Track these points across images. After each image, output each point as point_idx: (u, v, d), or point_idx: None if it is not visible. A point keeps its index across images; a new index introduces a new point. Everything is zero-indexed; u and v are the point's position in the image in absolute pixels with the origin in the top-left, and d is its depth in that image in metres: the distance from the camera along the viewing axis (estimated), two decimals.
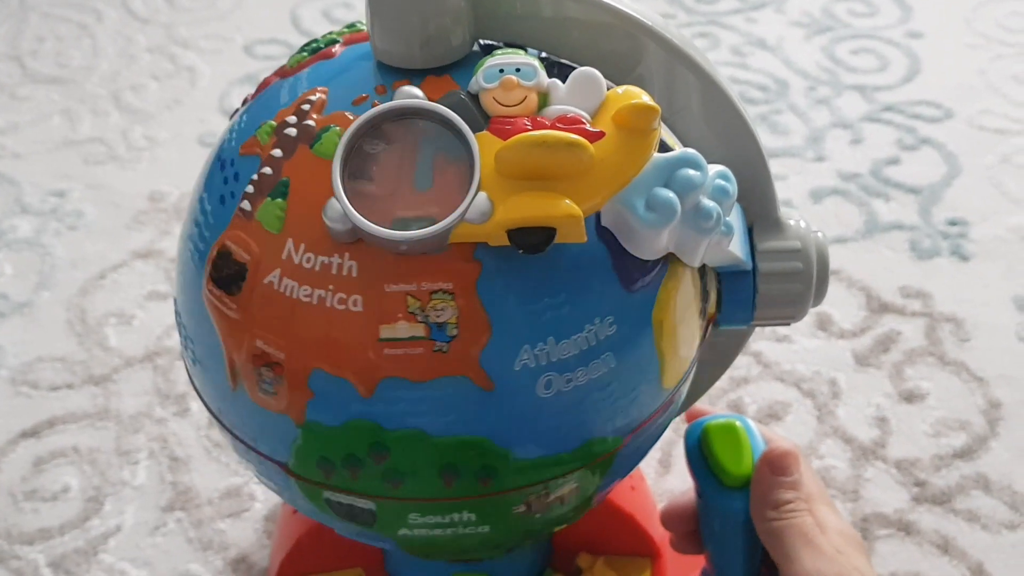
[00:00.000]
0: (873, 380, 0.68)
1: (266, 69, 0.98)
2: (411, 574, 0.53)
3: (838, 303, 0.73)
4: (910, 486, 0.62)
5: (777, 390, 0.67)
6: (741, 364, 0.69)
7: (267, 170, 0.34)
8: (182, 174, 0.86)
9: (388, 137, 0.32)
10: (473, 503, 0.36)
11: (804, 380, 0.68)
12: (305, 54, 0.39)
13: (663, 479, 0.63)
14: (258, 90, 0.40)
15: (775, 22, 1.03)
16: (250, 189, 0.34)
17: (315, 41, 0.40)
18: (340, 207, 0.31)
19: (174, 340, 0.71)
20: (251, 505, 0.61)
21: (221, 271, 0.34)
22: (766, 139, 0.87)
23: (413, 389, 0.33)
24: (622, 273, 0.34)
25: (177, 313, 0.40)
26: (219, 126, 0.91)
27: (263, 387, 0.34)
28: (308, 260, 0.33)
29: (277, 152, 0.34)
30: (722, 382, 0.67)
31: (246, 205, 0.34)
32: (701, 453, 0.46)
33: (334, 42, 0.39)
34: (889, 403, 0.66)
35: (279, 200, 0.33)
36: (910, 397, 0.67)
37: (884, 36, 1.00)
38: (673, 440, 0.65)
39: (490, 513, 0.36)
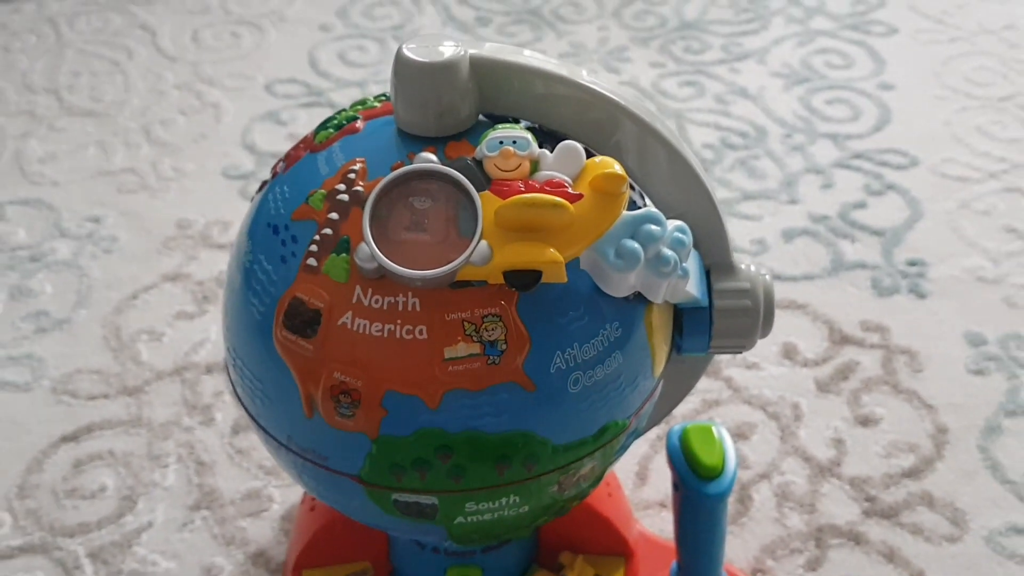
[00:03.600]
0: (832, 405, 0.74)
1: (285, 107, 1.05)
2: (411, 567, 0.60)
3: (803, 334, 0.80)
4: (861, 501, 0.68)
5: (745, 412, 0.74)
6: (713, 388, 0.76)
7: (327, 231, 0.41)
8: (208, 203, 0.93)
9: (434, 195, 0.40)
10: (519, 487, 0.43)
11: (770, 404, 0.75)
12: (331, 130, 0.46)
13: (640, 490, 0.70)
14: (288, 163, 0.47)
15: (757, 72, 1.10)
16: (313, 248, 0.42)
17: (334, 118, 0.47)
18: (369, 250, 0.39)
19: (201, 356, 0.78)
20: (270, 506, 0.68)
21: (294, 319, 0.42)
22: (744, 182, 0.94)
23: (472, 397, 0.41)
24: None
25: (235, 363, 0.46)
26: (241, 159, 0.98)
27: (341, 412, 0.41)
28: (376, 301, 0.40)
29: (334, 215, 0.42)
30: (695, 404, 0.74)
31: (312, 262, 0.41)
32: (681, 450, 0.53)
33: (354, 118, 0.46)
34: (846, 426, 0.73)
35: (343, 255, 0.41)
36: (865, 421, 0.73)
37: (858, 87, 1.07)
38: (649, 455, 0.72)
39: (531, 495, 0.44)
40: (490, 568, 0.57)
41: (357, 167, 0.43)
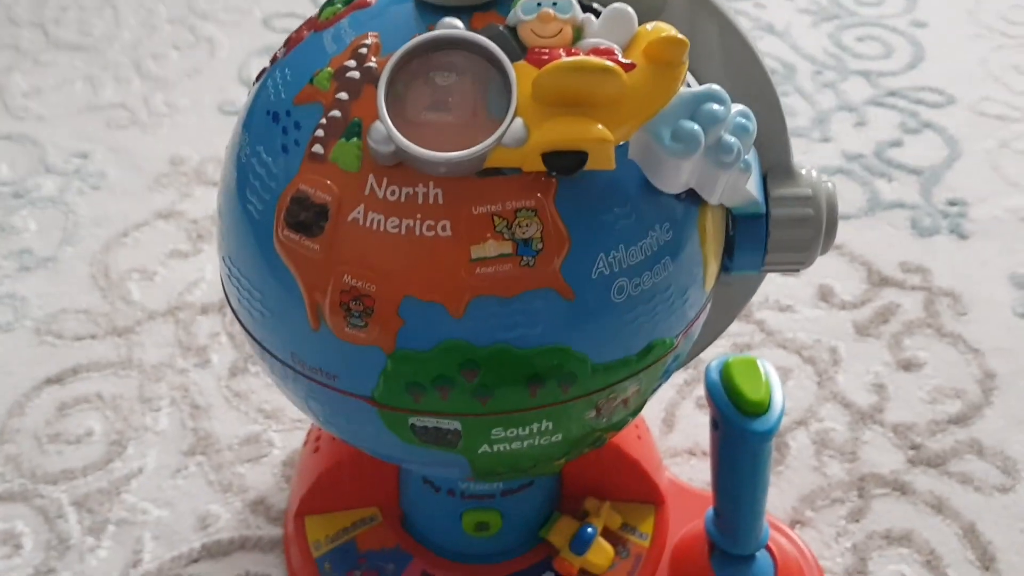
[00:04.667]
0: (872, 349, 0.70)
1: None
2: (424, 512, 0.55)
3: (840, 276, 0.75)
4: (906, 449, 0.64)
5: (779, 356, 0.70)
6: (745, 331, 0.71)
7: (336, 113, 0.36)
8: (202, 140, 0.88)
9: (459, 68, 0.34)
10: (552, 411, 0.38)
11: (805, 348, 0.70)
12: (338, 6, 0.41)
13: (667, 437, 0.65)
14: (289, 46, 0.42)
15: (784, 8, 1.06)
16: (319, 133, 0.36)
17: None
18: (385, 130, 0.33)
19: (196, 296, 0.74)
20: (270, 451, 0.64)
21: (297, 215, 0.36)
22: None
23: (503, 304, 0.36)
24: None
25: (231, 272, 0.41)
26: (238, 95, 0.93)
27: (351, 322, 0.36)
28: (392, 192, 0.35)
29: (343, 95, 0.36)
30: (724, 348, 0.70)
31: (318, 149, 0.36)
32: (722, 385, 0.48)
33: None
34: (887, 371, 0.69)
35: (354, 140, 0.36)
36: (908, 366, 0.69)
37: (889, 24, 1.03)
38: (675, 401, 0.67)
39: (565, 420, 0.39)
40: (509, 513, 0.53)
41: (369, 42, 0.37)
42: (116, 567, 0.58)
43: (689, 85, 0.40)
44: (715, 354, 0.69)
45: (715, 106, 0.34)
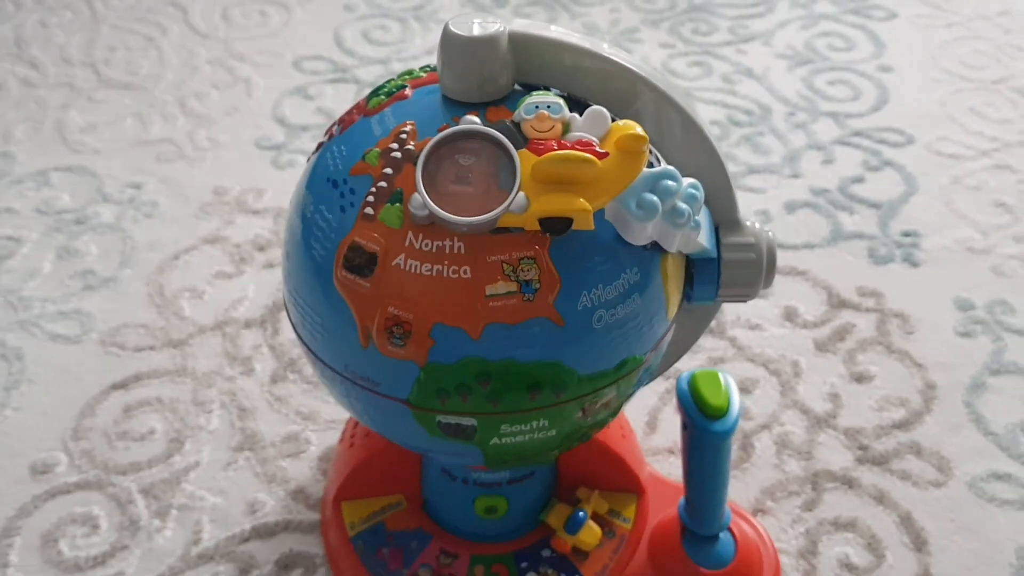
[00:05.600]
0: (830, 363, 0.79)
1: (312, 83, 1.10)
2: (442, 498, 0.65)
3: (803, 299, 0.85)
4: (855, 449, 0.73)
5: (748, 369, 0.79)
6: (719, 347, 0.81)
7: (383, 184, 0.47)
8: (242, 172, 0.98)
9: (477, 152, 0.45)
10: (548, 412, 0.49)
11: (771, 361, 0.80)
12: (382, 97, 0.52)
13: (650, 438, 0.75)
14: (343, 126, 0.52)
15: (762, 54, 1.15)
16: (370, 199, 0.47)
17: (384, 86, 0.53)
18: (421, 200, 0.44)
19: (240, 312, 0.84)
20: (307, 448, 0.74)
21: (353, 261, 0.47)
22: (748, 157, 0.99)
23: (509, 329, 0.46)
24: None
25: (296, 302, 0.51)
26: (272, 131, 1.03)
27: (393, 342, 0.47)
28: (426, 245, 0.46)
29: (388, 170, 0.47)
30: (701, 361, 0.79)
31: (369, 211, 0.47)
32: (689, 393, 0.59)
33: (403, 87, 0.52)
34: (842, 382, 0.78)
35: (397, 204, 0.46)
36: (860, 378, 0.78)
37: (858, 69, 1.12)
38: (658, 406, 0.77)
39: (558, 419, 0.50)
40: (514, 499, 0.63)
41: (408, 128, 0.48)
42: (179, 545, 0.67)
43: (659, 158, 0.51)
44: (691, 366, 0.79)
45: (670, 182, 0.45)
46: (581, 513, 0.63)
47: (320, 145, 0.53)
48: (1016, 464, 0.72)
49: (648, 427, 0.76)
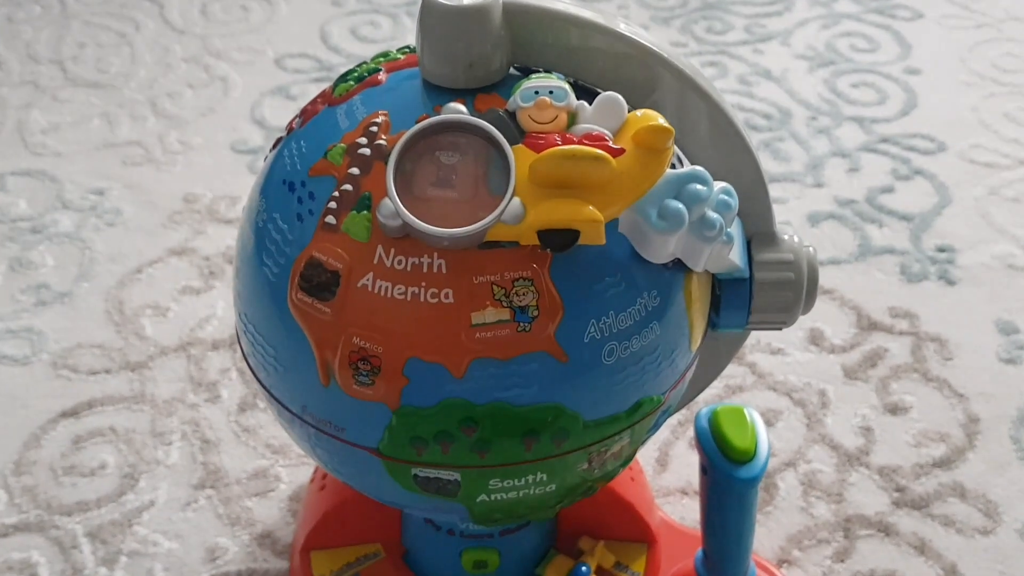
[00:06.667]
0: (860, 392, 0.72)
1: (295, 82, 1.03)
2: (425, 550, 0.57)
3: (830, 320, 0.78)
4: (891, 491, 0.66)
5: (770, 398, 0.72)
6: (737, 374, 0.73)
7: (347, 187, 0.39)
8: (215, 178, 0.91)
9: (462, 149, 0.37)
10: (546, 463, 0.41)
11: (795, 390, 0.73)
12: (351, 83, 0.44)
13: (660, 477, 0.68)
14: (305, 118, 0.44)
15: (781, 54, 1.08)
16: (332, 205, 0.39)
17: (354, 71, 0.45)
18: (393, 206, 0.36)
19: (207, 332, 0.76)
20: (277, 486, 0.66)
21: (311, 280, 0.39)
22: (768, 164, 0.92)
23: (500, 366, 0.38)
24: None
25: (246, 328, 0.44)
26: (250, 134, 0.96)
27: (359, 379, 0.39)
28: (399, 262, 0.38)
29: (354, 170, 0.39)
30: (718, 390, 0.72)
31: (330, 219, 0.39)
32: (711, 432, 0.51)
33: (376, 70, 0.43)
34: (874, 414, 0.71)
35: (364, 212, 0.38)
36: (894, 409, 0.71)
37: (883, 71, 1.06)
38: (669, 440, 0.69)
39: (559, 472, 0.42)
40: (507, 552, 0.55)
41: (380, 120, 0.40)
42: None
43: (681, 160, 0.43)
44: (708, 396, 0.71)
45: (698, 186, 0.37)
46: (584, 567, 0.56)
47: (278, 141, 0.44)
48: None
49: (659, 464, 0.68)
